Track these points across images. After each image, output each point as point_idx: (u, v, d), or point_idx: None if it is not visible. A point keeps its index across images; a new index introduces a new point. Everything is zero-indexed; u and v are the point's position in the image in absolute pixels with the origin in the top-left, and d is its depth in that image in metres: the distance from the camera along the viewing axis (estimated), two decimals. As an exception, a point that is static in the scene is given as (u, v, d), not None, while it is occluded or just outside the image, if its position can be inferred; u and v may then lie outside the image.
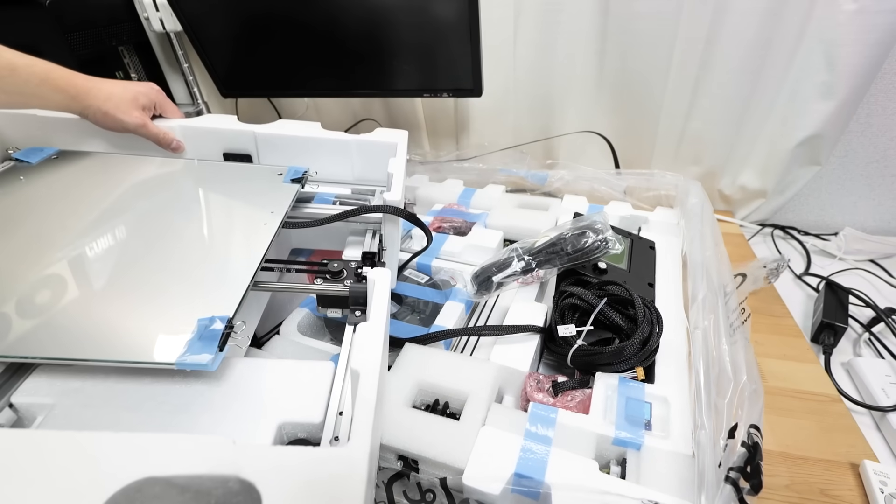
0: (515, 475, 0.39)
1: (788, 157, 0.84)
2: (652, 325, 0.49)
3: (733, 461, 0.35)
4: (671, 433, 0.43)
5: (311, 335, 0.55)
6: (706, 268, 0.56)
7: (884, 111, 0.80)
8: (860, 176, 0.87)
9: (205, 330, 0.32)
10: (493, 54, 0.82)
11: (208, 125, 0.60)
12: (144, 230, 0.44)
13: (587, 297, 0.52)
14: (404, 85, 0.83)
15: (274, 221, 0.46)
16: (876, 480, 0.45)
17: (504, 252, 0.59)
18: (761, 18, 0.75)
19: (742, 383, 0.40)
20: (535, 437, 0.42)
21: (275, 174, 0.56)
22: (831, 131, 0.80)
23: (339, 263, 0.44)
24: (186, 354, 0.31)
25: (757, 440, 0.36)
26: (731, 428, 0.37)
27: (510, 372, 0.50)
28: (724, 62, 0.80)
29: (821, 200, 0.92)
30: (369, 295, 0.40)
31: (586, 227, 0.57)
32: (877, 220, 0.91)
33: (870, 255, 0.84)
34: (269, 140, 0.59)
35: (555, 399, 0.47)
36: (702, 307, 0.52)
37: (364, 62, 0.82)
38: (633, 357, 0.47)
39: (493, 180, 0.88)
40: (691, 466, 0.40)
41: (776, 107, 0.81)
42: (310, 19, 0.78)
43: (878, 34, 0.70)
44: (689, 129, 0.89)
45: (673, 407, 0.46)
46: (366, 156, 0.60)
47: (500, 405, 0.47)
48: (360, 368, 0.31)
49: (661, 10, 0.78)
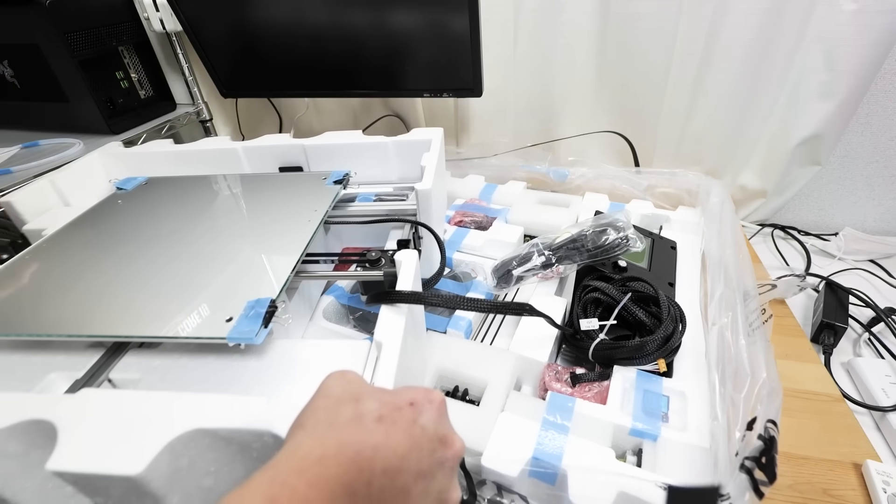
0: (533, 458, 0.40)
1: (788, 157, 0.84)
2: (675, 323, 0.50)
3: (749, 452, 0.35)
4: (688, 426, 0.44)
5: (335, 321, 0.58)
6: (725, 265, 0.57)
7: (884, 111, 0.80)
8: (860, 176, 0.87)
9: (251, 310, 0.38)
10: (493, 54, 0.82)
11: (265, 143, 0.68)
12: (211, 232, 0.52)
13: (610, 292, 0.52)
14: (404, 85, 0.83)
15: (316, 218, 0.52)
16: (879, 480, 0.45)
17: (525, 247, 0.60)
18: (761, 18, 0.75)
19: (761, 381, 0.40)
20: (552, 424, 0.43)
21: (320, 179, 0.62)
22: (831, 131, 0.80)
23: (377, 252, 0.48)
24: (236, 330, 0.36)
25: (773, 434, 0.36)
26: (750, 421, 0.38)
27: (529, 362, 0.51)
28: (724, 62, 0.80)
29: (821, 200, 0.92)
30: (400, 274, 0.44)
31: (608, 225, 0.57)
32: (877, 220, 0.91)
33: (870, 255, 0.84)
34: (316, 150, 0.67)
35: (573, 389, 0.48)
36: (719, 304, 0.52)
37: (364, 62, 0.82)
38: (655, 352, 0.48)
39: (513, 177, 0.88)
40: (707, 459, 0.41)
41: (776, 107, 0.81)
42: (310, 19, 0.78)
43: (878, 34, 0.70)
44: (689, 129, 0.89)
45: (690, 401, 0.46)
46: (403, 155, 0.65)
47: (519, 393, 0.48)
48: (383, 340, 0.37)
49: (661, 9, 0.78)
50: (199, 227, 0.54)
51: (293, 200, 0.57)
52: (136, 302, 0.42)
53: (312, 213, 0.53)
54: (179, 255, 0.48)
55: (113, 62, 0.85)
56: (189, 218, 0.56)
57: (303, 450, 0.21)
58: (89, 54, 0.79)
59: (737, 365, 0.44)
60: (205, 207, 0.58)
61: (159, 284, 0.44)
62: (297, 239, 0.48)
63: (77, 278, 0.45)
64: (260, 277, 0.43)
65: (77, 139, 0.81)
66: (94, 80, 0.81)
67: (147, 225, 0.55)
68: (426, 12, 0.73)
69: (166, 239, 0.51)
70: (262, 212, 0.56)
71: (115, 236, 0.53)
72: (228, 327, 0.36)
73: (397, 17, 0.75)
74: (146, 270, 0.46)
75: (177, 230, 0.53)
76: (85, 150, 0.79)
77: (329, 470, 0.20)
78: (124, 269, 0.47)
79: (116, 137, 0.84)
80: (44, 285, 0.45)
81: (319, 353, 0.40)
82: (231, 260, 0.47)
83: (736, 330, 0.47)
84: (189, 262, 0.47)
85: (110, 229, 0.54)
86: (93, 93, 0.80)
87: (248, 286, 0.41)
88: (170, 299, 0.41)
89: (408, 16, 0.75)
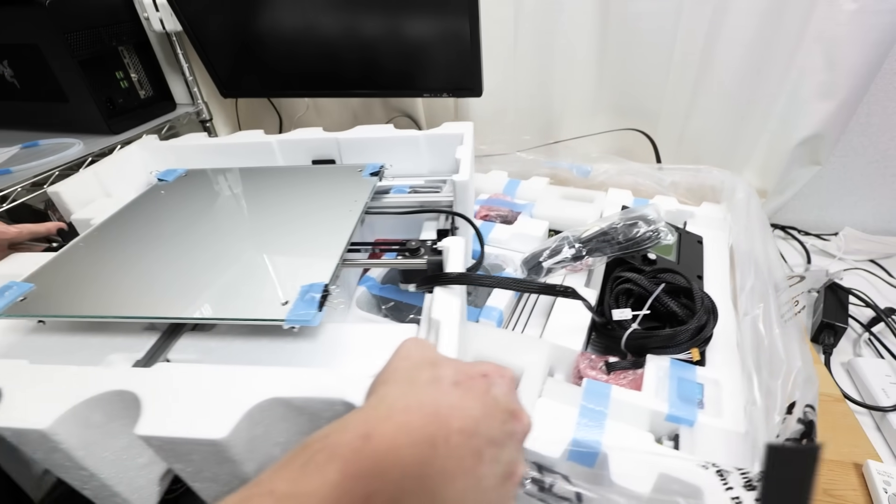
0: (574, 440, 0.41)
1: (788, 157, 0.84)
2: (708, 314, 0.50)
3: (790, 434, 0.36)
4: (723, 412, 0.45)
5: (367, 310, 0.60)
6: (755, 257, 0.57)
7: (884, 111, 0.80)
8: (860, 176, 0.87)
9: (306, 294, 0.39)
10: (493, 54, 0.82)
11: (299, 137, 0.69)
12: (257, 221, 0.54)
13: (643, 283, 0.53)
14: (404, 85, 0.83)
15: (357, 208, 0.53)
16: (879, 480, 0.45)
17: (554, 239, 0.61)
18: (761, 18, 0.75)
19: (797, 368, 0.41)
20: (590, 409, 0.44)
21: (356, 171, 0.63)
22: (831, 131, 0.80)
23: (417, 242, 0.50)
24: (294, 313, 0.37)
25: (812, 418, 0.37)
26: (790, 405, 0.39)
27: (562, 350, 0.52)
28: (724, 62, 0.80)
29: (821, 200, 0.92)
30: (445, 261, 0.45)
31: (638, 218, 0.58)
32: (877, 220, 0.91)
33: (870, 255, 0.84)
34: (349, 143, 0.68)
35: (608, 377, 0.49)
36: (750, 295, 0.53)
37: (364, 62, 0.82)
38: (688, 342, 0.49)
39: (535, 173, 0.89)
40: (744, 444, 0.42)
41: (776, 107, 0.82)
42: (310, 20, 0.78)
43: (878, 34, 0.70)
44: (689, 129, 0.89)
45: (724, 389, 0.47)
46: (434, 148, 0.67)
47: (554, 379, 0.50)
48: (442, 318, 0.38)
49: (661, 9, 0.78)
50: (245, 216, 0.56)
51: (332, 191, 0.59)
52: (190, 286, 0.43)
53: (353, 203, 0.55)
54: (229, 243, 0.50)
55: (113, 62, 0.85)
56: (234, 208, 0.58)
57: (389, 399, 0.23)
58: (89, 54, 0.79)
59: (771, 353, 0.45)
60: (248, 198, 0.60)
61: (211, 270, 0.45)
62: (342, 227, 0.50)
63: (133, 264, 0.47)
64: (309, 263, 0.44)
65: (77, 139, 0.81)
66: (94, 80, 0.81)
67: (194, 214, 0.56)
68: (426, 12, 0.73)
69: (214, 227, 0.53)
70: (304, 202, 0.57)
71: (164, 224, 0.54)
72: (286, 310, 0.38)
73: (397, 18, 0.75)
74: (198, 257, 0.48)
75: (223, 219, 0.55)
76: (85, 150, 0.79)
77: (413, 419, 0.21)
78: (175, 256, 0.48)
79: (116, 137, 0.83)
80: (100, 270, 0.46)
81: (369, 336, 0.41)
82: (280, 247, 0.48)
83: (769, 320, 0.48)
84: (239, 249, 0.48)
85: (158, 218, 0.56)
86: (93, 93, 0.80)
87: (297, 272, 0.42)
88: (224, 284, 0.43)
89: (408, 16, 0.75)
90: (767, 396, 0.42)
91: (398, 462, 0.19)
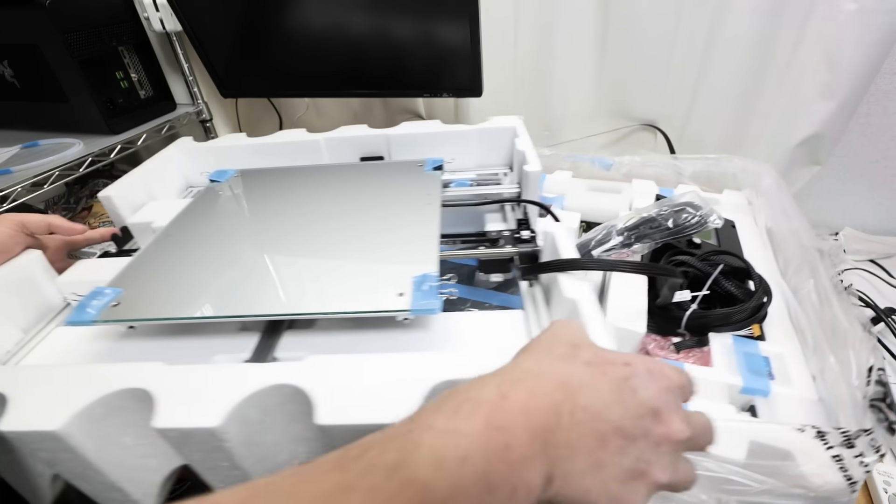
0: None
1: (788, 157, 0.84)
2: (764, 294, 0.52)
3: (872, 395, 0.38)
4: (792, 381, 0.46)
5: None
6: (798, 236, 0.59)
7: (884, 111, 0.80)
8: (860, 176, 0.87)
9: (421, 284, 0.39)
10: (493, 54, 0.81)
11: (347, 134, 0.68)
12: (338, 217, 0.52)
13: (697, 265, 0.55)
14: (405, 85, 0.83)
15: (435, 202, 0.52)
16: (880, 480, 0.45)
17: (600, 228, 0.63)
18: (761, 18, 0.75)
19: (860, 335, 0.43)
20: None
21: (416, 166, 0.62)
22: (831, 131, 0.80)
23: (496, 233, 0.52)
24: (417, 303, 0.37)
25: (887, 380, 0.38)
26: (869, 368, 0.40)
27: (627, 333, 0.52)
28: (724, 62, 0.80)
29: (821, 200, 0.92)
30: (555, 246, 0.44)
31: (685, 204, 0.60)
32: (877, 220, 0.91)
33: (870, 255, 0.84)
34: (399, 139, 0.68)
35: (678, 356, 0.50)
36: (798, 271, 0.55)
37: (364, 62, 0.82)
38: (747, 319, 0.51)
39: (558, 167, 0.89)
40: (818, 409, 0.43)
41: (776, 107, 0.82)
42: (310, 20, 0.78)
43: (878, 34, 0.70)
44: (689, 129, 0.89)
45: (789, 360, 0.48)
46: (485, 143, 0.68)
47: None
48: (578, 298, 0.37)
49: (661, 9, 0.78)
50: (324, 213, 0.54)
51: (400, 185, 0.58)
52: (291, 283, 0.42)
53: (427, 196, 0.53)
54: (319, 239, 0.49)
55: (113, 62, 0.85)
56: (307, 205, 0.56)
57: (524, 365, 0.24)
58: (89, 54, 0.79)
59: (833, 323, 0.46)
60: (319, 195, 0.58)
61: (311, 266, 0.44)
62: (428, 220, 0.49)
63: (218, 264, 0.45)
64: (411, 256, 0.43)
65: (77, 139, 0.81)
66: (94, 80, 0.81)
67: (268, 213, 0.55)
68: (426, 12, 0.74)
69: (296, 224, 0.52)
70: (377, 197, 0.56)
71: (239, 224, 0.53)
72: (406, 301, 0.37)
73: (397, 18, 0.75)
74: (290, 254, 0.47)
75: (301, 216, 0.54)
76: (85, 150, 0.79)
77: (542, 385, 0.22)
78: (263, 255, 0.47)
79: (116, 138, 0.84)
80: (182, 272, 0.44)
81: (479, 322, 0.41)
82: (375, 241, 0.47)
83: (826, 291, 0.50)
84: (333, 245, 0.47)
85: (230, 218, 0.54)
86: (93, 93, 0.80)
87: (402, 265, 0.42)
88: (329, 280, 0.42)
89: (408, 16, 0.75)
90: (841, 363, 0.43)
91: (528, 424, 0.21)
